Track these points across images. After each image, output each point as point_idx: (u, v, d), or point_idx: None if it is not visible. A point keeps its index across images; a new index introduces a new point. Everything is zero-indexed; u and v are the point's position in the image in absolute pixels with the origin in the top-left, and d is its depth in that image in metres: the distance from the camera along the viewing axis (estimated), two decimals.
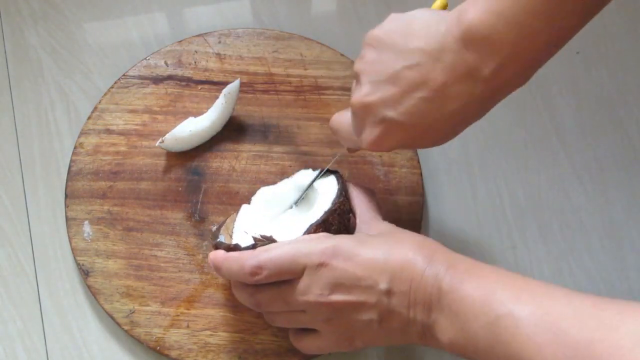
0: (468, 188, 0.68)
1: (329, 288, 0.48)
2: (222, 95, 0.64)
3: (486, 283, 0.43)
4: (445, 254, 0.47)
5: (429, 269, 0.46)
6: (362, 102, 0.48)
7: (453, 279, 0.44)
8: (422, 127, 0.46)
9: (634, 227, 0.66)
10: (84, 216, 0.63)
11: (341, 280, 0.48)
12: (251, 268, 0.49)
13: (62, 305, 0.62)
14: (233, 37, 0.69)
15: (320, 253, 0.48)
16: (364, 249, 0.48)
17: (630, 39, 0.73)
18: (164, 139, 0.63)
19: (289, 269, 0.49)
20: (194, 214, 0.63)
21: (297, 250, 0.49)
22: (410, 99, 0.45)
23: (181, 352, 0.59)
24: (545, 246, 0.66)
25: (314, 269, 0.48)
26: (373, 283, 0.47)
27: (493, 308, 0.41)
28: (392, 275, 0.46)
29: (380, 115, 0.47)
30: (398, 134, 0.47)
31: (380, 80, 0.46)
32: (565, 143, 0.69)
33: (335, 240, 0.49)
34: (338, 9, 0.75)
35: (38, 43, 0.71)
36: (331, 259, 0.48)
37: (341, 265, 0.48)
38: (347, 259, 0.48)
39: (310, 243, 0.49)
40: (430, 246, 0.48)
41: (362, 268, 0.47)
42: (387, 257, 0.47)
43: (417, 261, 0.46)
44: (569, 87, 0.71)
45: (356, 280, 0.47)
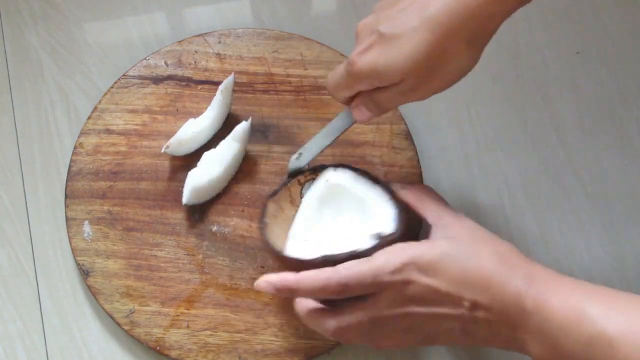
0: (468, 188, 0.68)
1: (415, 302, 0.47)
2: (218, 92, 0.64)
3: (572, 300, 0.43)
4: (525, 264, 0.47)
5: (510, 285, 0.45)
6: (365, 21, 0.49)
7: (537, 297, 0.44)
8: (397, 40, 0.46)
9: (634, 227, 0.66)
10: (84, 216, 0.63)
11: (427, 295, 0.47)
12: (337, 286, 0.48)
13: (62, 305, 0.62)
14: (233, 37, 0.69)
15: (402, 267, 0.47)
16: (448, 263, 0.47)
17: (630, 39, 0.73)
18: (169, 144, 0.63)
19: (374, 285, 0.48)
20: (194, 214, 0.63)
21: (378, 266, 0.48)
22: (400, 13, 0.46)
23: (181, 352, 0.59)
24: (545, 246, 0.66)
25: (399, 285, 0.47)
26: (458, 299, 0.46)
27: (584, 328, 0.41)
28: (476, 290, 0.46)
29: (374, 30, 0.48)
30: (378, 47, 0.47)
31: (388, 6, 0.48)
32: (565, 143, 0.69)
33: (415, 251, 0.48)
34: (338, 9, 0.75)
35: (38, 43, 0.71)
36: (416, 276, 0.47)
37: (426, 281, 0.47)
38: (433, 274, 0.47)
39: (391, 258, 0.48)
40: (509, 256, 0.47)
41: (447, 284, 0.46)
42: (470, 271, 0.46)
43: (498, 275, 0.46)
44: (569, 87, 0.71)
45: (442, 296, 0.47)
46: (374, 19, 0.49)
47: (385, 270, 0.47)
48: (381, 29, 0.47)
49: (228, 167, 0.63)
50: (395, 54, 0.46)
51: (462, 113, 0.70)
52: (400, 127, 0.66)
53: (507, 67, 0.72)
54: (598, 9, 0.74)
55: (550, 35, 0.73)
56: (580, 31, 0.73)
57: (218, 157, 0.63)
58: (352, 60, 0.49)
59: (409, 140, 0.66)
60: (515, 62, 0.72)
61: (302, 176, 0.60)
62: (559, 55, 0.73)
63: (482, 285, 0.46)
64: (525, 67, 0.72)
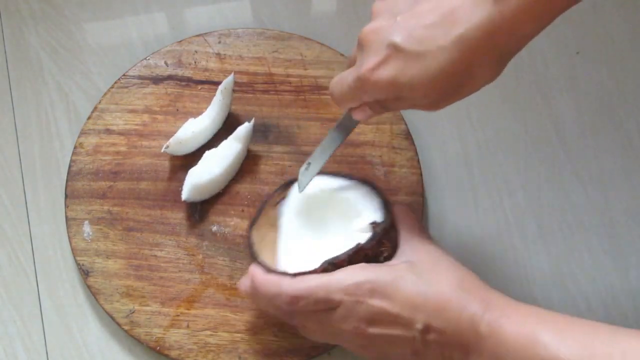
0: (468, 188, 0.68)
1: (366, 322, 0.48)
2: (218, 92, 0.64)
3: (527, 325, 0.43)
4: (482, 291, 0.47)
5: (465, 311, 0.45)
6: (373, 27, 0.45)
7: (492, 322, 0.44)
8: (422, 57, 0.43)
9: (634, 227, 0.66)
10: (84, 216, 0.63)
11: (378, 317, 0.47)
12: (289, 298, 0.49)
13: (62, 305, 0.62)
14: (233, 37, 0.69)
15: (355, 288, 0.47)
16: (401, 287, 0.47)
17: (630, 39, 0.73)
18: (169, 144, 0.63)
19: (325, 302, 0.48)
20: (194, 214, 0.63)
21: (334, 284, 0.48)
22: (419, 25, 0.43)
23: (181, 352, 0.59)
24: (545, 246, 0.66)
25: (350, 305, 0.48)
26: (409, 321, 0.47)
27: (537, 352, 0.41)
28: (429, 314, 0.46)
29: (387, 41, 0.44)
30: (397, 62, 0.44)
31: (397, 11, 0.45)
32: (565, 143, 0.69)
33: (372, 274, 0.48)
34: (338, 9, 0.75)
35: (38, 43, 0.71)
36: (368, 297, 0.47)
37: (378, 303, 0.47)
38: (385, 297, 0.47)
39: (347, 276, 0.48)
40: (468, 283, 0.47)
41: (399, 307, 0.47)
42: (425, 296, 0.46)
43: (455, 301, 0.46)
44: (569, 87, 0.71)
45: (393, 318, 0.47)
46: (384, 25, 0.45)
47: (337, 288, 0.48)
48: (398, 42, 0.43)
49: (229, 167, 0.63)
50: (419, 72, 0.43)
51: (462, 113, 0.70)
52: (400, 127, 0.66)
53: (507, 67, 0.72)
54: (598, 9, 0.74)
55: (550, 35, 0.73)
56: (580, 31, 0.73)
57: (219, 156, 0.63)
58: (364, 75, 0.46)
59: (409, 140, 0.66)
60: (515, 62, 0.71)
61: (275, 196, 0.59)
62: (559, 55, 0.73)
63: (437, 309, 0.46)
64: (525, 67, 0.72)
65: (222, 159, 0.63)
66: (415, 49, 0.43)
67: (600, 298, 0.64)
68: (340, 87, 0.49)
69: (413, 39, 0.43)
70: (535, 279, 0.65)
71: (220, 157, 0.63)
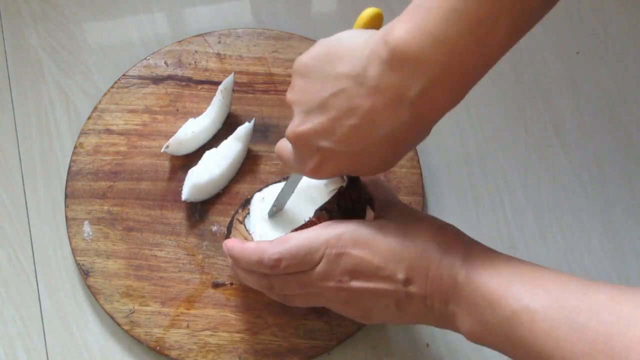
0: (468, 188, 0.68)
1: (348, 275, 0.48)
2: (218, 92, 0.64)
3: (502, 276, 0.43)
4: (462, 241, 0.47)
5: (445, 260, 0.46)
6: (295, 132, 0.47)
7: (469, 271, 0.44)
8: (357, 154, 0.45)
9: (634, 227, 0.66)
10: (84, 216, 0.63)
11: (360, 268, 0.48)
12: (270, 261, 0.49)
13: (62, 305, 0.62)
14: (233, 37, 0.69)
15: (337, 240, 0.48)
16: (382, 238, 0.48)
17: (630, 39, 0.73)
18: (169, 144, 0.63)
19: (308, 259, 0.48)
20: (194, 214, 0.63)
21: (314, 239, 0.48)
22: (341, 127, 0.44)
23: (181, 352, 0.59)
24: (545, 246, 0.66)
25: (332, 257, 0.48)
26: (391, 273, 0.47)
27: (509, 302, 0.41)
28: (409, 265, 0.47)
29: (315, 146, 0.46)
30: (335, 162, 0.46)
31: (310, 110, 0.45)
32: (565, 143, 0.69)
33: (352, 226, 0.49)
34: (338, 9, 0.75)
35: (38, 43, 0.71)
36: (349, 248, 0.48)
37: (359, 254, 0.47)
38: (365, 247, 0.47)
39: (326, 230, 0.49)
40: (446, 234, 0.48)
41: (380, 257, 0.47)
42: (404, 246, 0.47)
43: (434, 251, 0.46)
44: (569, 87, 0.71)
45: (375, 270, 0.47)
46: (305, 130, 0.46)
47: (319, 242, 0.48)
48: (327, 146, 0.45)
49: (229, 167, 0.63)
50: (361, 164, 0.46)
51: (462, 113, 0.70)
52: None
53: (506, 67, 0.72)
54: (598, 9, 0.74)
55: (550, 35, 0.73)
56: (580, 31, 0.73)
57: (219, 156, 0.63)
58: (311, 172, 0.48)
59: None
60: (515, 62, 0.72)
61: (239, 214, 0.59)
62: (559, 55, 0.73)
63: (418, 259, 0.46)
64: (525, 67, 0.72)
65: (222, 159, 0.63)
66: (347, 150, 0.45)
67: None
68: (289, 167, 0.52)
69: (340, 142, 0.45)
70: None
71: (221, 157, 0.63)
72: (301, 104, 0.47)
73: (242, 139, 0.63)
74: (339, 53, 0.44)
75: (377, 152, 0.45)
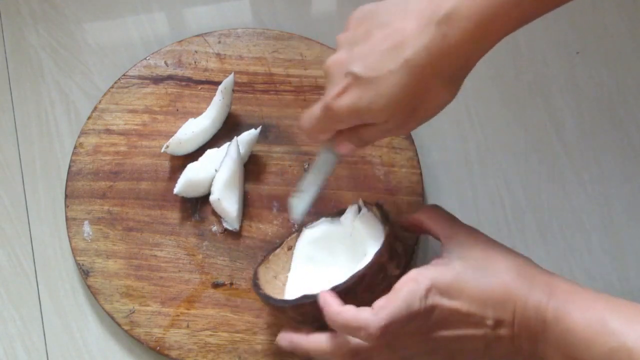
0: (468, 188, 0.68)
1: (439, 326, 0.47)
2: (218, 92, 0.64)
3: (594, 311, 0.42)
4: (544, 276, 0.46)
5: (530, 299, 0.45)
6: (335, 59, 0.48)
7: (558, 309, 0.44)
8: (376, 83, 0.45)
9: (634, 227, 0.66)
10: (84, 216, 0.63)
11: (450, 317, 0.46)
12: (379, 331, 0.45)
13: (62, 305, 0.62)
14: (233, 37, 0.69)
15: (427, 292, 0.46)
16: (465, 283, 0.46)
17: (630, 39, 0.73)
18: (169, 144, 0.63)
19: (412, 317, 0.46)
20: (194, 214, 0.63)
21: (406, 298, 0.46)
22: (372, 53, 0.45)
23: (181, 352, 0.59)
24: (545, 246, 0.66)
25: (425, 311, 0.46)
26: (480, 318, 0.46)
27: (605, 340, 0.41)
28: (497, 307, 0.46)
29: (346, 70, 0.46)
30: (355, 90, 0.46)
31: (355, 42, 0.47)
32: (565, 143, 0.69)
33: (433, 274, 0.47)
34: (338, 9, 0.75)
35: (38, 43, 0.71)
36: (439, 299, 0.46)
37: (450, 304, 0.46)
38: (455, 296, 0.46)
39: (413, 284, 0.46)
40: (526, 269, 0.47)
41: (468, 304, 0.46)
42: (488, 288, 0.46)
43: (517, 289, 0.45)
44: (569, 87, 0.71)
45: (464, 317, 0.46)
46: (344, 57, 0.47)
47: (416, 297, 0.46)
48: (355, 71, 0.45)
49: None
50: (375, 96, 0.45)
51: (462, 113, 0.70)
52: None
53: (506, 67, 0.72)
54: (598, 9, 0.74)
55: (550, 35, 0.73)
56: (580, 31, 0.73)
57: (220, 156, 0.63)
58: (328, 104, 0.47)
59: (409, 140, 0.66)
60: (515, 62, 0.72)
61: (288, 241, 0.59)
62: (559, 55, 0.73)
63: (502, 302, 0.45)
64: (525, 67, 0.72)
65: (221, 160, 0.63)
66: (370, 75, 0.45)
67: None
68: (309, 120, 0.51)
69: (368, 66, 0.45)
70: None
71: (221, 157, 0.63)
72: (348, 39, 0.47)
73: (245, 145, 0.63)
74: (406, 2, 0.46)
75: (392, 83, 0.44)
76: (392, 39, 0.44)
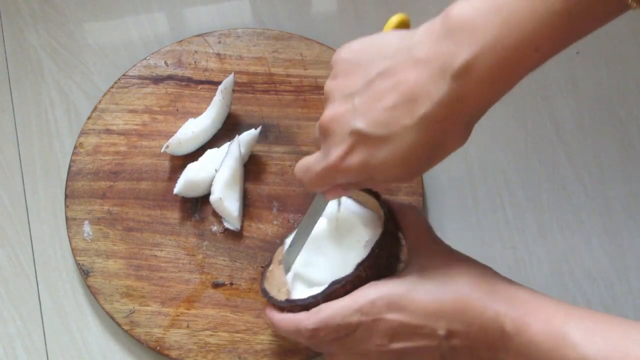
0: (468, 188, 0.68)
1: (388, 338, 0.47)
2: (218, 92, 0.64)
3: (554, 323, 0.42)
4: (503, 286, 0.46)
5: (487, 310, 0.44)
6: (332, 114, 0.44)
7: (516, 320, 0.43)
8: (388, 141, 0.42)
9: (634, 227, 0.66)
10: (84, 216, 0.63)
11: (399, 330, 0.47)
12: (308, 332, 0.49)
13: (62, 305, 0.62)
14: (233, 37, 0.69)
15: (371, 307, 0.47)
16: (416, 296, 0.46)
17: (630, 39, 0.73)
18: (169, 144, 0.63)
19: (344, 327, 0.48)
20: (194, 214, 0.63)
21: (347, 308, 0.47)
22: (379, 107, 0.42)
23: (181, 352, 0.59)
24: (545, 246, 0.66)
25: (368, 324, 0.47)
26: (430, 330, 0.46)
27: (566, 353, 0.40)
28: (450, 319, 0.45)
29: (349, 128, 0.43)
30: (364, 148, 0.43)
31: (352, 92, 0.44)
32: (565, 143, 0.69)
33: (383, 289, 0.47)
34: (338, 9, 0.75)
35: (38, 43, 0.71)
36: (384, 313, 0.46)
37: (395, 317, 0.46)
38: (400, 309, 0.46)
39: (360, 297, 0.48)
40: (486, 279, 0.46)
41: (417, 317, 0.46)
42: (442, 300, 0.46)
43: (475, 300, 0.45)
44: (569, 87, 0.71)
45: (413, 329, 0.46)
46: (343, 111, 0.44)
47: (353, 310, 0.47)
48: (361, 128, 0.42)
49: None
50: (389, 154, 0.42)
51: None
52: None
53: None
54: None
55: None
56: None
57: (220, 156, 0.63)
58: (334, 165, 0.45)
59: None
60: None
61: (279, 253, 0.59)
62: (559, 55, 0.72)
63: (457, 312, 0.45)
64: None
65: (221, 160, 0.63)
66: (380, 133, 0.42)
67: (600, 298, 0.64)
68: (309, 175, 0.48)
69: (376, 123, 0.42)
70: (536, 279, 0.65)
71: (221, 158, 0.63)
72: (342, 89, 0.44)
73: (245, 145, 0.63)
74: (388, 40, 0.43)
75: (408, 140, 0.42)
76: (400, 92, 0.41)
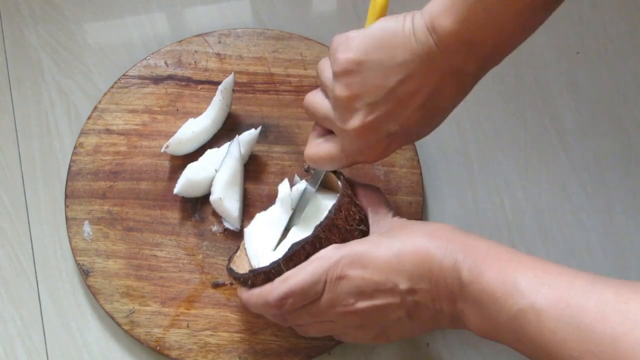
0: (468, 188, 0.68)
1: (353, 297, 0.48)
2: (218, 92, 0.64)
3: (506, 272, 0.43)
4: (460, 238, 0.47)
5: (445, 259, 0.45)
6: (365, 123, 0.48)
7: (472, 268, 0.44)
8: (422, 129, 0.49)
9: (634, 227, 0.66)
10: (84, 216, 0.63)
11: (362, 288, 0.47)
12: (275, 302, 0.49)
13: (62, 305, 0.62)
14: (233, 37, 0.69)
15: (335, 266, 0.48)
16: (377, 252, 0.48)
17: (630, 39, 0.73)
18: (169, 144, 0.63)
19: (312, 292, 0.49)
20: (194, 214, 0.63)
21: (313, 272, 0.49)
22: (408, 109, 0.47)
23: (181, 352, 0.59)
24: (545, 246, 0.66)
25: (333, 284, 0.48)
26: (393, 285, 0.47)
27: (515, 301, 0.41)
28: (409, 273, 0.46)
29: (385, 132, 0.48)
30: (401, 142, 0.50)
31: (377, 100, 0.47)
32: (565, 143, 0.69)
33: (346, 249, 0.49)
34: (338, 9, 0.75)
35: (38, 43, 0.71)
36: (347, 270, 0.48)
37: (358, 273, 0.47)
38: (363, 266, 0.47)
39: (322, 260, 0.49)
40: (442, 233, 0.47)
41: (378, 272, 0.47)
42: (401, 255, 0.47)
43: (432, 252, 0.46)
44: (569, 87, 0.71)
45: (376, 286, 0.47)
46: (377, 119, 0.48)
47: (318, 273, 0.48)
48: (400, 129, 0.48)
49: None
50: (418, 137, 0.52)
51: (462, 113, 0.70)
52: None
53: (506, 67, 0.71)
54: (598, 9, 0.74)
55: (550, 35, 0.73)
56: (580, 31, 0.73)
57: (220, 156, 0.63)
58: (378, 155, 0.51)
59: None
60: (515, 62, 0.72)
61: None
62: (559, 55, 0.73)
63: (416, 264, 0.46)
64: (525, 67, 0.72)
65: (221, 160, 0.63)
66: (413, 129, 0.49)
67: None
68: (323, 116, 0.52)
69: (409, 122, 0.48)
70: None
71: (221, 157, 0.63)
72: (363, 97, 0.47)
73: (245, 145, 0.63)
74: (391, 42, 0.45)
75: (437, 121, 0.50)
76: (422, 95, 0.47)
